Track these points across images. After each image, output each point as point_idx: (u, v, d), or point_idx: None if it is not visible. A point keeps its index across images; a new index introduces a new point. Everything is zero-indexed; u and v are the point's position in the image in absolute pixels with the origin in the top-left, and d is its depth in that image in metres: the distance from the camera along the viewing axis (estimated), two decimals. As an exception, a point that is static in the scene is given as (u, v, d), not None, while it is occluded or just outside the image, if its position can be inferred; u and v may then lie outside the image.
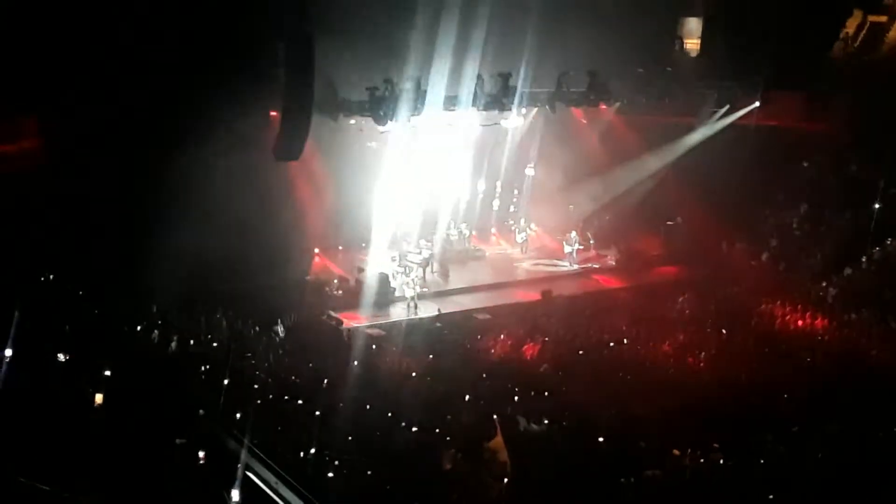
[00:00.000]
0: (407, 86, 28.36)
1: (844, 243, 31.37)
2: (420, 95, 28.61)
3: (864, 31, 35.73)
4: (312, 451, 18.68)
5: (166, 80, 25.42)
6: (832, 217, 32.78)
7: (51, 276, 25.64)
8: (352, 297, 29.39)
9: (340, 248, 33.14)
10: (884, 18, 35.47)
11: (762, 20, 32.44)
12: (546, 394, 22.37)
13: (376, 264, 31.88)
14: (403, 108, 28.48)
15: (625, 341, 26.17)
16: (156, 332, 24.05)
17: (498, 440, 19.29)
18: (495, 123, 32.72)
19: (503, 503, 17.86)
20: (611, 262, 34.75)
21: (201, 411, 19.75)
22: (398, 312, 29.27)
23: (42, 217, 25.32)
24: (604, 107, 34.48)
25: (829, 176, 34.00)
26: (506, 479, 18.15)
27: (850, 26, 35.82)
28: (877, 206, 31.93)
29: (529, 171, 35.81)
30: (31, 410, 18.46)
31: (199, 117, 25.66)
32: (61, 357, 21.40)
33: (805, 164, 34.75)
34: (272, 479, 17.49)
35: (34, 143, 26.49)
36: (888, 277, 29.41)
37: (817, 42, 34.53)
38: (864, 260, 30.33)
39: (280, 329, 25.53)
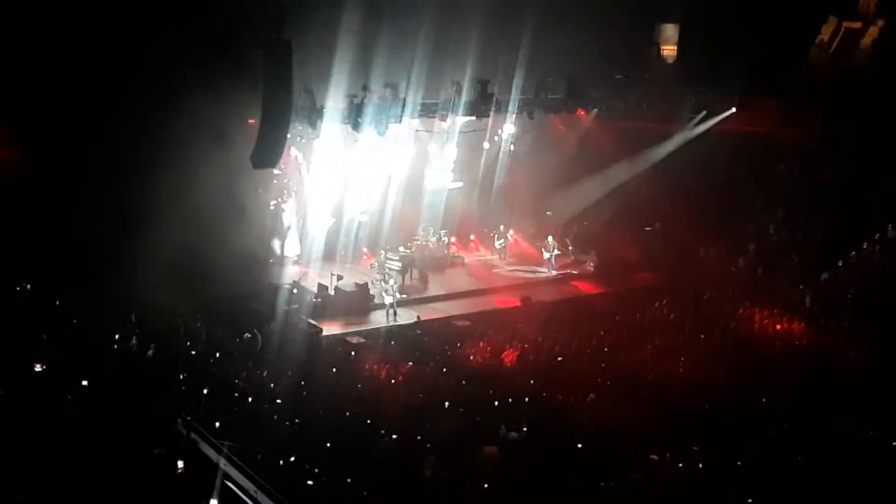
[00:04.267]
0: (386, 93, 28.36)
1: (821, 248, 31.52)
2: (399, 102, 28.62)
3: (838, 37, 35.94)
4: (292, 458, 18.64)
5: (144, 88, 25.36)
6: (809, 222, 32.95)
7: (27, 286, 25.52)
8: (331, 305, 29.35)
9: (318, 255, 33.05)
10: (858, 24, 35.70)
11: (738, 27, 32.58)
12: (526, 400, 22.39)
13: (355, 272, 31.89)
14: (382, 116, 28.48)
15: (605, 350, 26.21)
16: (134, 340, 23.92)
17: (493, 448, 19.40)
18: (473, 130, 32.83)
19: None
20: (589, 268, 34.83)
21: (180, 420, 19.67)
22: (377, 319, 29.22)
23: (18, 226, 25.20)
24: (582, 113, 34.63)
25: (805, 181, 34.17)
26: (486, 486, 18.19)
27: (826, 32, 36.03)
28: (853, 210, 32.14)
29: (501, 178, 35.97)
30: (7, 420, 18.35)
31: (177, 125, 25.58)
32: (38, 367, 21.28)
33: (782, 169, 34.93)
34: (251, 487, 17.43)
35: (10, 153, 26.36)
36: (865, 282, 29.61)
37: (793, 48, 34.70)
38: (840, 264, 30.50)
39: (259, 339, 25.39)
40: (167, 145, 25.67)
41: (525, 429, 20.45)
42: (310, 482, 17.96)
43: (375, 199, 33.09)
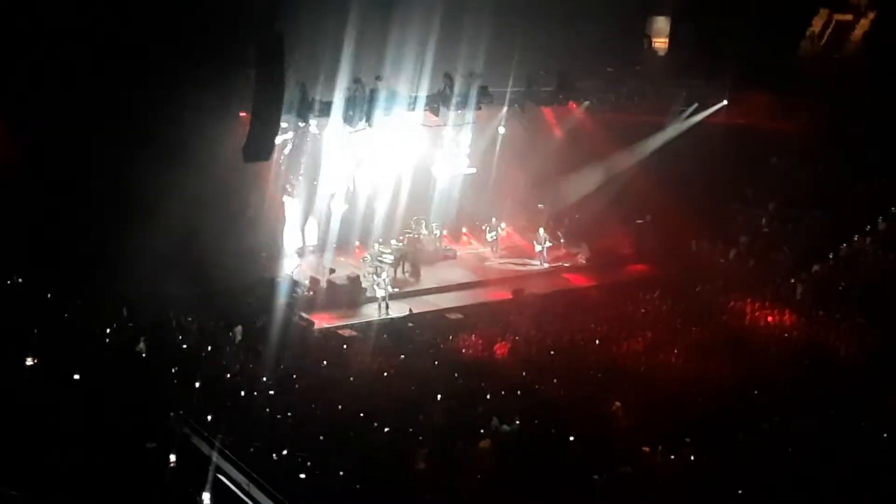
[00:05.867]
0: (377, 86, 28.32)
1: (813, 240, 31.61)
2: (389, 96, 28.58)
3: (829, 30, 36.05)
4: (284, 452, 18.64)
5: (134, 81, 25.29)
6: (800, 214, 33.02)
7: (19, 280, 25.47)
8: (323, 298, 29.34)
9: (311, 248, 33.05)
10: (849, 17, 35.80)
11: (730, 19, 32.61)
12: (518, 393, 22.40)
13: (347, 265, 31.88)
14: (373, 109, 28.45)
15: (595, 343, 26.22)
16: (126, 335, 23.88)
17: (485, 441, 19.45)
18: (464, 124, 32.82)
19: (476, 503, 17.90)
20: (581, 260, 34.85)
21: (172, 414, 19.65)
22: (369, 313, 29.22)
23: (9, 220, 25.13)
24: (573, 106, 34.64)
25: (797, 173, 34.26)
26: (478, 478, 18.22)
27: (817, 25, 36.12)
28: (844, 203, 32.23)
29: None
30: (-1, 415, 18.33)
31: (167, 118, 25.54)
32: (29, 361, 21.24)
33: (773, 162, 35.00)
34: (244, 481, 17.43)
35: (1, 145, 26.30)
36: (856, 274, 29.67)
37: (784, 41, 34.77)
38: (832, 257, 30.57)
39: (238, 333, 25.30)
40: (159, 139, 25.62)
41: (517, 422, 20.47)
42: (302, 475, 17.96)
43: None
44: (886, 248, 30.12)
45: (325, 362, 24.30)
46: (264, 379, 22.59)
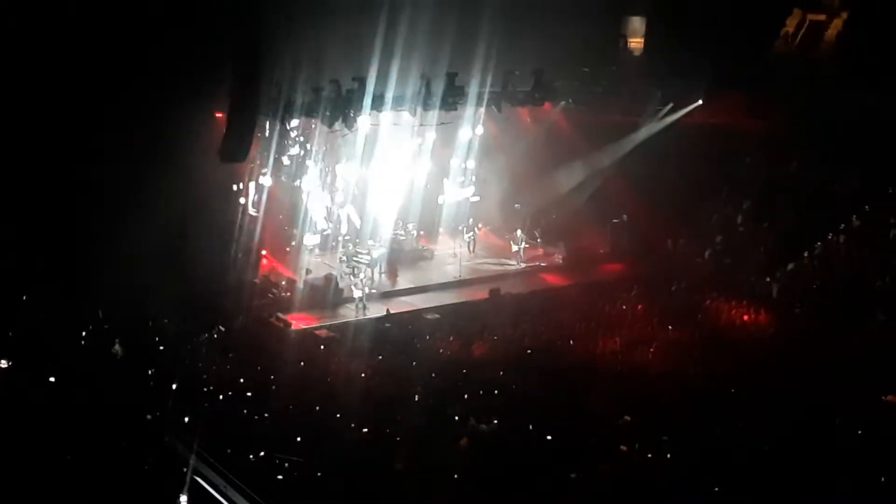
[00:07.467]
0: (353, 86, 28.29)
1: (787, 239, 31.78)
2: (366, 96, 28.55)
3: (803, 30, 36.21)
4: (261, 453, 18.59)
5: (109, 80, 25.17)
6: (775, 213, 33.19)
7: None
8: (300, 299, 29.28)
9: (288, 249, 32.94)
10: (822, 17, 35.97)
11: (704, 19, 32.74)
12: (495, 392, 22.42)
13: (324, 266, 31.82)
14: (349, 109, 28.41)
15: (571, 342, 26.28)
16: (101, 336, 23.76)
17: (463, 440, 19.49)
18: (441, 123, 32.82)
19: (454, 502, 17.91)
20: (558, 259, 34.92)
21: (148, 416, 19.58)
22: (347, 313, 29.19)
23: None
24: (549, 106, 34.68)
25: (771, 172, 34.41)
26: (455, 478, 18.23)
27: (790, 25, 36.29)
28: (819, 201, 32.41)
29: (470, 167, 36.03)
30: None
31: (143, 118, 25.42)
32: (4, 363, 21.12)
33: (748, 161, 35.15)
34: (221, 482, 17.38)
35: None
36: (830, 272, 29.86)
37: (758, 40, 34.93)
38: (806, 255, 30.74)
39: (214, 334, 25.19)
40: (137, 139, 25.51)
41: (495, 421, 20.49)
42: (279, 476, 17.93)
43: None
44: (861, 246, 30.32)
45: (302, 363, 24.25)
46: (241, 380, 22.55)
